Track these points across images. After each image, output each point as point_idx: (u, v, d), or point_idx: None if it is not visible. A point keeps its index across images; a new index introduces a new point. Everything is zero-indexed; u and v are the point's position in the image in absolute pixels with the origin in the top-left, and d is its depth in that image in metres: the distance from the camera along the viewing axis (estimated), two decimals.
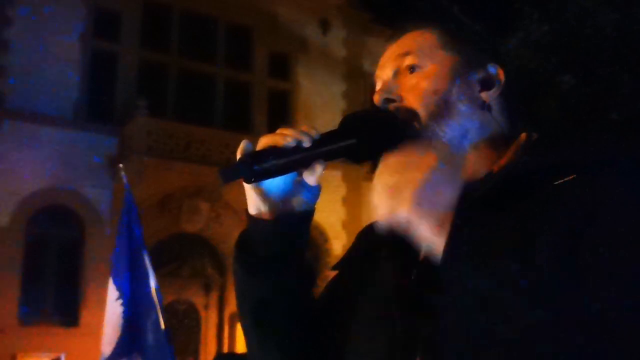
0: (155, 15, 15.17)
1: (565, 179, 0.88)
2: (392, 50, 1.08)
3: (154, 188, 13.43)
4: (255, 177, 0.93)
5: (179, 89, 15.37)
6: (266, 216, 1.00)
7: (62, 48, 13.98)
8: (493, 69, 1.06)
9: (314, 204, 1.04)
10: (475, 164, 1.03)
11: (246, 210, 1.03)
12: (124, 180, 4.73)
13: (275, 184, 0.98)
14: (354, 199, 16.12)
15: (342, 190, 16.15)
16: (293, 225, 1.01)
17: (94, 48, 14.55)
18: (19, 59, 13.59)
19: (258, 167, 0.92)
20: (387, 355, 0.95)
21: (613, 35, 9.33)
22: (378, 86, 1.09)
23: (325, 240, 15.78)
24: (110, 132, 14.01)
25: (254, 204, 1.00)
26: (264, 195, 0.99)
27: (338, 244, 15.69)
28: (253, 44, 16.31)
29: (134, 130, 13.74)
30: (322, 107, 16.79)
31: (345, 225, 15.91)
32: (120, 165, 5.14)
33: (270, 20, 16.33)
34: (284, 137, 0.94)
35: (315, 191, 1.02)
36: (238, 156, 0.95)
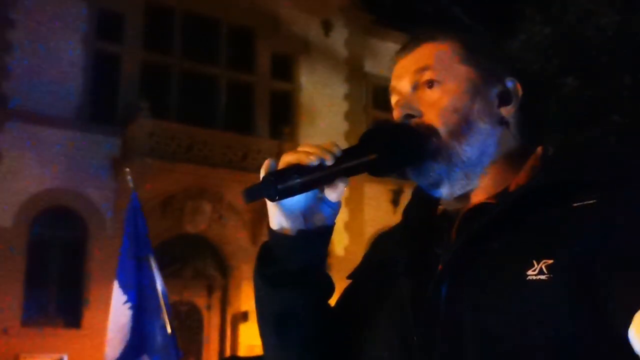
0: (157, 16, 15.18)
1: (585, 203, 0.90)
2: (409, 62, 1.08)
3: (157, 189, 13.45)
4: (279, 196, 0.94)
5: (181, 91, 15.39)
6: (288, 231, 1.02)
7: (65, 49, 14.00)
8: (511, 83, 1.07)
9: (335, 219, 1.06)
10: (493, 180, 1.04)
11: (267, 224, 1.05)
12: (131, 184, 4.74)
13: (297, 200, 0.99)
14: (356, 200, 16.12)
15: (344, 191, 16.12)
16: (314, 240, 1.03)
17: (97, 49, 14.58)
18: (22, 60, 13.62)
19: (281, 186, 0.93)
20: None
21: (614, 37, 9.34)
22: (395, 99, 1.09)
23: None
24: (112, 134, 14.03)
25: (276, 219, 1.02)
26: (286, 212, 1.01)
27: (340, 245, 15.69)
28: (255, 45, 16.32)
29: (136, 132, 13.76)
30: (324, 108, 16.80)
31: (347, 226, 15.91)
32: (127, 169, 5.15)
33: (273, 21, 16.34)
34: (306, 155, 0.95)
35: (336, 207, 1.03)
36: (262, 175, 0.96)
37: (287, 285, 1.02)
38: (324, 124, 16.56)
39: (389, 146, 0.99)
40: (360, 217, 16.31)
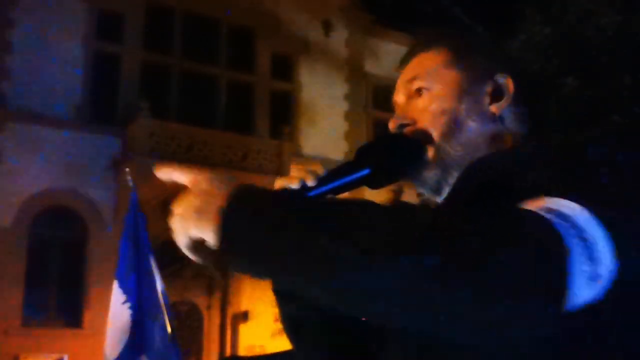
0: (158, 16, 15.20)
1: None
2: (404, 76, 1.12)
3: (157, 189, 13.43)
4: None
5: (181, 91, 15.40)
6: None
7: (65, 49, 14.01)
8: (501, 79, 1.07)
9: None
10: None
11: None
12: (131, 184, 4.75)
13: None
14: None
15: None
16: None
17: (97, 49, 14.60)
18: (22, 60, 13.63)
19: None
20: None
21: (614, 37, 9.35)
22: (395, 112, 1.13)
23: None
24: (112, 134, 14.04)
25: None
26: None
27: None
28: (255, 45, 16.34)
29: (136, 132, 13.77)
30: (324, 108, 16.81)
31: None
32: (127, 169, 5.16)
33: (273, 21, 16.36)
34: (290, 180, 0.99)
35: None
36: None
37: (292, 295, 1.06)
38: (324, 124, 16.57)
39: (382, 158, 1.01)
40: None
